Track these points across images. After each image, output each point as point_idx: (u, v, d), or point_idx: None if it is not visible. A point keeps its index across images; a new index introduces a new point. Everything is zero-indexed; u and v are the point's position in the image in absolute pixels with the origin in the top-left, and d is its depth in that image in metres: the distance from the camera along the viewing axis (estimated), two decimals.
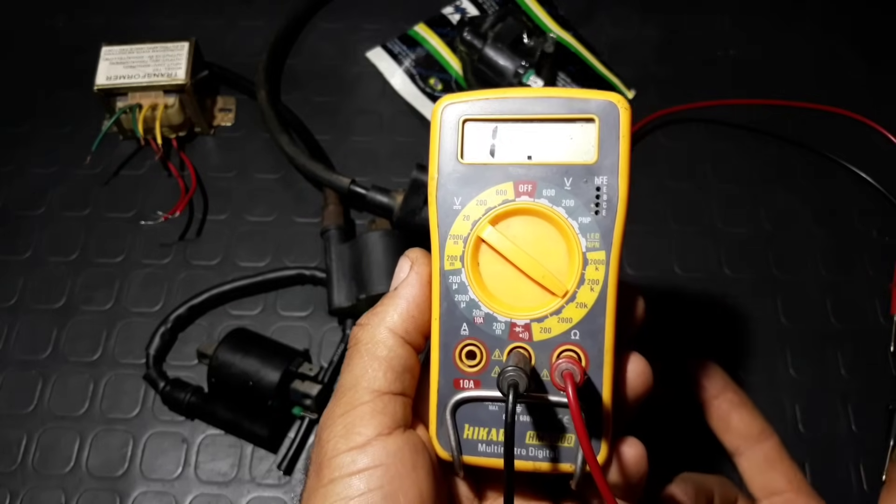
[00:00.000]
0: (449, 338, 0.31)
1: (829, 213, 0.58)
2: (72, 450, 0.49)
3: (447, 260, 0.31)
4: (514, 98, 0.31)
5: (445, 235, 0.31)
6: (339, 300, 0.51)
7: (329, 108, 0.63)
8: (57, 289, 0.55)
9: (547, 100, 0.31)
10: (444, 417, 0.31)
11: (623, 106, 0.30)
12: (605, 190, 0.30)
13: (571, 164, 0.30)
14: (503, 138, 0.31)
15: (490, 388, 0.31)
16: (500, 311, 0.31)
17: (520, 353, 0.30)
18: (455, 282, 0.31)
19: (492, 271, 0.31)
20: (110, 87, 0.58)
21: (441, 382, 0.31)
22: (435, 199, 0.31)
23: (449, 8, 0.68)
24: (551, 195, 0.30)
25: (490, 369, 0.31)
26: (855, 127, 0.61)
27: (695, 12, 0.68)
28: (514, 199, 0.31)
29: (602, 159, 0.30)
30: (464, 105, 0.31)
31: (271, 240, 0.57)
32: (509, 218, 0.31)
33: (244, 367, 0.47)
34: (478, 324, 0.31)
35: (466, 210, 0.31)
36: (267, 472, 0.49)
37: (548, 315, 0.30)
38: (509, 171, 0.31)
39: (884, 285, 0.55)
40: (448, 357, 0.31)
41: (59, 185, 0.59)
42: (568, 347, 0.30)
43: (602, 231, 0.30)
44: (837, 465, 0.49)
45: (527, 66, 0.59)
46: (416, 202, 0.53)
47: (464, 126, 0.31)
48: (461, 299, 0.31)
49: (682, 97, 0.62)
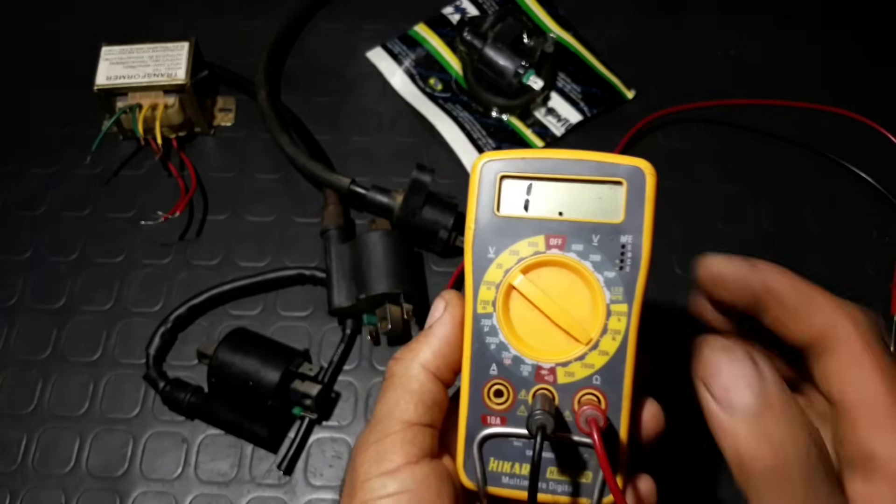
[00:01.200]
0: (479, 376, 0.33)
1: (829, 213, 0.58)
2: (72, 450, 0.49)
3: (480, 304, 0.33)
4: (549, 159, 0.34)
5: (479, 281, 0.33)
6: (339, 300, 0.51)
7: (329, 108, 0.63)
8: (57, 289, 0.55)
9: (580, 162, 0.33)
10: (471, 450, 0.33)
11: (650, 172, 0.33)
12: (630, 248, 0.33)
13: (599, 222, 0.33)
14: (537, 194, 0.34)
15: (515, 425, 0.33)
16: (528, 354, 0.33)
17: (545, 394, 0.32)
18: (487, 325, 0.33)
19: (521, 317, 0.33)
20: (110, 87, 0.58)
21: (470, 418, 0.33)
22: (471, 246, 0.34)
23: (449, 8, 0.68)
24: (579, 250, 0.33)
25: (516, 408, 0.33)
26: (855, 127, 0.61)
27: (695, 12, 0.68)
28: (545, 251, 0.33)
29: (628, 219, 0.33)
30: (502, 163, 0.34)
31: (271, 240, 0.57)
32: (539, 268, 0.33)
33: (244, 367, 0.47)
34: (506, 365, 0.33)
35: (500, 259, 0.33)
36: (267, 472, 0.49)
37: (572, 360, 0.33)
38: (541, 225, 0.33)
39: (884, 285, 0.55)
40: (477, 395, 0.33)
41: (59, 185, 0.59)
42: (589, 391, 0.32)
43: (625, 285, 0.33)
44: None
45: (527, 66, 0.59)
46: (416, 202, 0.53)
47: (501, 182, 0.34)
48: (491, 341, 0.33)
49: (682, 97, 0.62)
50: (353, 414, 0.51)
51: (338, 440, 0.50)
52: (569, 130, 0.62)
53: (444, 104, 0.63)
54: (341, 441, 0.50)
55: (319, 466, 0.49)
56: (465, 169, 0.60)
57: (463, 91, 0.63)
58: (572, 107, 0.63)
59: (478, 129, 0.61)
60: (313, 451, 0.49)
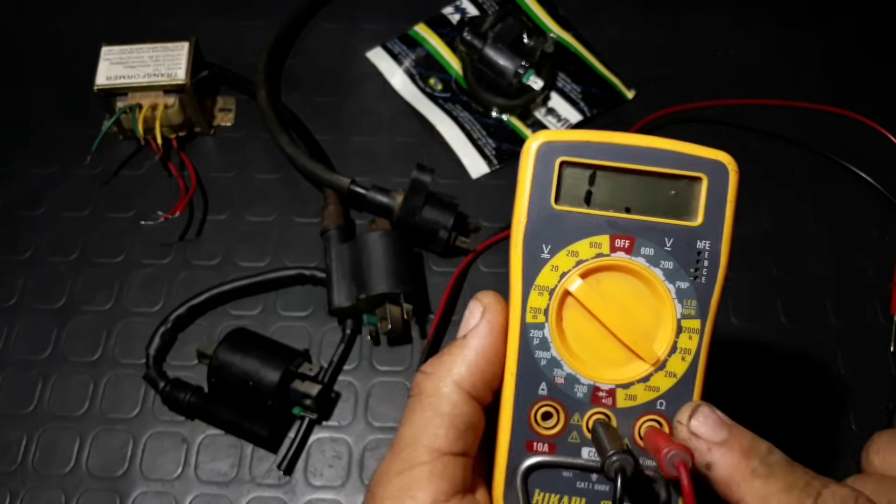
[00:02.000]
0: (525, 397, 0.29)
1: (829, 213, 0.58)
2: (72, 450, 0.49)
3: (530, 312, 0.29)
4: (619, 144, 0.29)
5: (530, 285, 0.29)
6: (339, 300, 0.51)
7: (329, 108, 0.63)
8: (57, 289, 0.55)
9: (654, 151, 0.29)
10: (513, 481, 0.29)
11: (733, 168, 0.29)
12: (707, 255, 0.29)
13: (674, 223, 0.29)
14: (602, 185, 0.29)
15: (566, 453, 0.29)
16: (584, 372, 0.29)
17: (604, 419, 0.29)
18: (537, 336, 0.29)
19: (577, 328, 0.29)
20: (110, 87, 0.58)
21: (513, 444, 0.29)
22: (521, 243, 0.29)
23: (449, 8, 0.68)
24: (650, 254, 0.29)
25: (567, 433, 0.29)
26: (855, 127, 0.61)
27: (695, 12, 0.68)
28: (609, 253, 0.29)
29: (707, 222, 0.29)
30: (562, 145, 0.29)
31: (271, 240, 0.57)
32: (601, 273, 0.29)
33: (244, 367, 0.47)
34: (558, 384, 0.29)
35: (555, 260, 0.29)
36: (267, 472, 0.49)
37: (635, 382, 0.29)
38: (606, 222, 0.29)
39: (884, 285, 0.55)
40: (523, 417, 0.29)
41: (59, 185, 0.59)
42: (652, 417, 0.29)
43: (699, 298, 0.29)
44: (837, 465, 0.49)
45: (527, 66, 0.59)
46: (415, 202, 0.53)
47: (560, 168, 0.29)
48: (542, 356, 0.29)
49: (682, 97, 0.62)
50: (353, 414, 0.51)
51: (338, 440, 0.50)
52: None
53: (444, 104, 0.63)
54: (341, 441, 0.50)
55: (319, 466, 0.49)
56: (466, 169, 0.60)
57: (463, 91, 0.63)
58: (572, 107, 0.63)
59: (478, 129, 0.61)
60: (313, 451, 0.49)
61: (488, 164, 0.60)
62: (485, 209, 0.58)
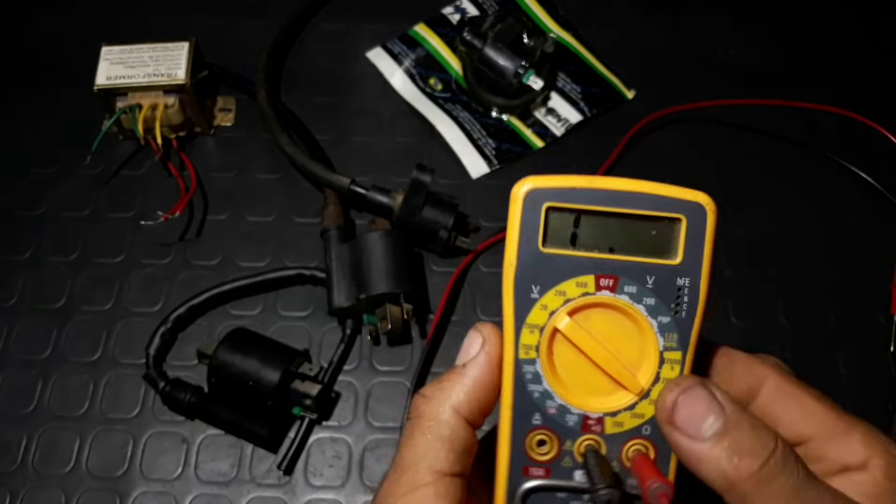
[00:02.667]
0: (521, 426, 0.31)
1: (829, 213, 0.58)
2: (72, 450, 0.49)
3: (522, 349, 0.31)
4: (600, 189, 0.31)
5: (521, 323, 0.31)
6: (339, 300, 0.51)
7: (329, 108, 0.63)
8: (57, 289, 0.55)
9: (635, 194, 0.31)
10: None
11: (711, 209, 0.31)
12: (687, 291, 0.31)
13: (655, 262, 0.31)
14: (586, 228, 0.31)
15: (559, 476, 0.31)
16: (574, 403, 0.31)
17: (593, 447, 0.31)
18: (529, 372, 0.31)
19: (566, 362, 0.31)
20: (110, 87, 0.58)
21: (511, 469, 0.31)
22: (512, 285, 0.31)
23: (449, 8, 0.68)
24: (632, 292, 0.31)
25: (561, 459, 0.31)
26: (855, 127, 0.61)
27: (695, 12, 0.68)
28: (595, 292, 0.31)
29: (686, 260, 0.30)
30: (548, 191, 0.31)
31: (271, 240, 0.57)
32: (588, 310, 0.31)
33: (244, 367, 0.47)
34: (550, 414, 0.31)
35: (544, 300, 0.31)
36: (267, 472, 0.49)
37: (621, 410, 0.31)
38: (591, 263, 0.31)
39: (884, 285, 0.55)
40: (519, 445, 0.31)
41: (59, 185, 0.59)
42: (638, 442, 0.31)
43: (680, 332, 0.31)
44: None
45: (527, 66, 0.59)
46: (416, 202, 0.53)
47: (547, 213, 0.30)
48: (534, 389, 0.31)
49: (682, 97, 0.62)
50: (353, 414, 0.51)
51: (338, 440, 0.50)
52: (569, 130, 0.62)
53: (444, 104, 0.63)
54: (341, 441, 0.50)
55: (319, 466, 0.49)
56: (466, 169, 0.60)
57: (463, 91, 0.64)
58: (572, 107, 0.63)
59: (478, 129, 0.62)
60: (313, 451, 0.49)
61: (488, 164, 0.60)
62: (485, 209, 0.58)
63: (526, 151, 0.61)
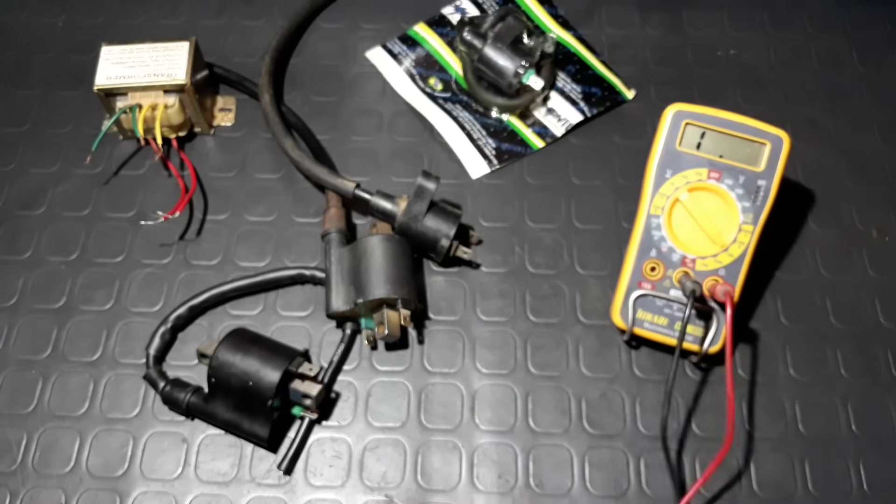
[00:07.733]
0: (642, 255, 0.49)
1: (828, 213, 0.58)
2: (72, 450, 0.49)
3: (653, 207, 0.49)
4: (721, 118, 0.49)
5: (656, 191, 0.49)
6: (337, 304, 0.51)
7: (329, 108, 0.63)
8: (57, 289, 0.55)
9: (741, 124, 0.49)
10: (627, 303, 0.49)
11: (786, 141, 0.49)
12: (763, 189, 0.49)
13: (746, 168, 0.49)
14: (708, 140, 0.50)
15: (661, 291, 0.49)
16: (679, 246, 0.49)
17: (687, 274, 0.49)
18: (655, 222, 0.49)
19: (679, 221, 0.49)
20: (110, 87, 0.58)
21: (630, 281, 0.50)
22: (653, 166, 0.50)
23: (449, 8, 0.68)
24: (730, 184, 0.49)
25: (664, 280, 0.49)
26: (854, 127, 0.61)
27: (695, 12, 0.68)
28: (706, 180, 0.49)
29: (766, 170, 0.49)
30: (688, 113, 0.50)
31: (271, 240, 0.57)
32: (699, 191, 0.49)
33: (244, 367, 0.47)
34: (663, 251, 0.49)
35: (674, 179, 0.49)
36: (267, 472, 0.49)
37: (708, 256, 0.49)
38: (707, 161, 0.49)
39: (884, 285, 0.55)
40: (639, 267, 0.49)
41: (59, 185, 0.60)
42: (715, 278, 0.48)
43: (754, 213, 0.49)
44: (837, 465, 0.49)
45: (527, 66, 0.59)
46: (418, 208, 0.53)
47: (685, 126, 0.50)
48: (656, 234, 0.49)
49: (682, 97, 0.61)
50: (353, 414, 0.51)
51: (338, 440, 0.50)
52: (569, 130, 0.62)
53: (444, 104, 0.63)
54: (341, 441, 0.50)
55: (319, 466, 0.49)
56: (465, 169, 0.60)
57: (463, 91, 0.64)
58: (572, 107, 0.63)
59: (478, 129, 0.62)
60: (313, 451, 0.49)
61: (488, 164, 0.60)
62: (485, 209, 0.58)
63: (526, 151, 0.61)
